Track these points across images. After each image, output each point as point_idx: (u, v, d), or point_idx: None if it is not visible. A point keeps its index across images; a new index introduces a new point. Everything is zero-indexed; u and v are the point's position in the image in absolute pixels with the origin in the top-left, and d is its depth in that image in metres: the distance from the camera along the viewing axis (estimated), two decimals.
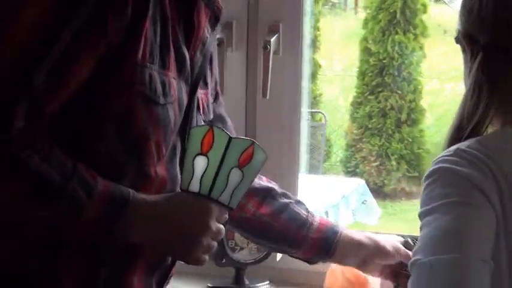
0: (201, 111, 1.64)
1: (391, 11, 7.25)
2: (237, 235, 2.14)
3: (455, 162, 1.33)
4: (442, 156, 1.37)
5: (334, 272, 2.19)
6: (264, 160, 1.41)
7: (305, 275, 2.27)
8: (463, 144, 1.37)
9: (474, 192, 1.29)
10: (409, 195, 7.27)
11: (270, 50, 2.27)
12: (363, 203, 5.54)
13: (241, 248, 2.07)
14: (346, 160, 7.39)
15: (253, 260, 2.11)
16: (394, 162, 7.24)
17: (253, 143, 1.39)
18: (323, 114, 7.15)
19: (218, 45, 2.27)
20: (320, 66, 7.68)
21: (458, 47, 1.54)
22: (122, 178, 1.41)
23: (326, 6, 9.61)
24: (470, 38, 1.47)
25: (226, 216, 1.48)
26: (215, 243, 1.47)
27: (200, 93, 1.63)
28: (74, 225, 1.36)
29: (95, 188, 1.35)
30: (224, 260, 2.13)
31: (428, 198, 1.33)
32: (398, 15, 7.23)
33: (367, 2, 7.52)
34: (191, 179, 1.40)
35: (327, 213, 4.58)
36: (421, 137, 7.39)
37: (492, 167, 1.32)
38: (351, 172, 7.27)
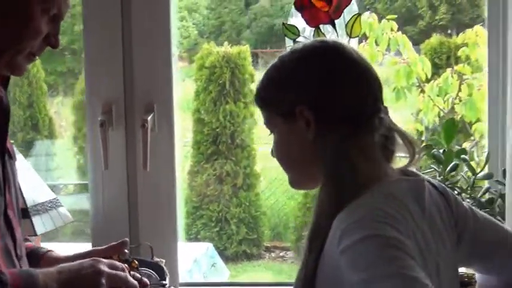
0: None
1: (221, 82, 7.53)
2: None
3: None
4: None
5: None
6: None
7: None
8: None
9: None
10: (250, 257, 7.57)
11: (147, 127, 2.53)
12: (212, 265, 5.77)
13: None
14: (188, 228, 7.59)
15: None
16: (233, 226, 7.51)
17: None
18: None
19: (100, 125, 2.52)
20: None
21: None
22: None
23: None
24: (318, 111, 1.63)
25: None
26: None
27: None
28: None
29: (3, 277, 1.60)
30: None
31: None
32: (227, 86, 7.52)
33: (196, 74, 7.78)
34: None
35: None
36: (257, 201, 7.70)
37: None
38: (193, 239, 7.47)
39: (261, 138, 8.76)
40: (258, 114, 7.05)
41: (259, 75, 8.54)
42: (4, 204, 1.76)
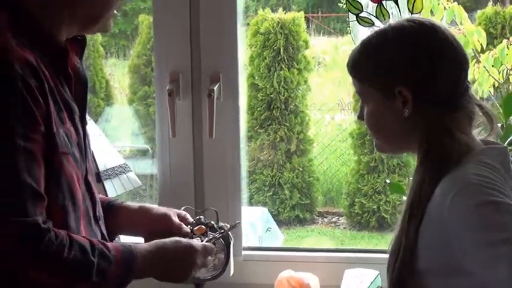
0: None
1: (275, 48, 7.56)
2: None
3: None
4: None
5: (281, 282, 2.55)
6: None
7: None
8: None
9: None
10: (303, 222, 7.66)
11: (213, 97, 2.62)
12: (267, 230, 5.85)
13: None
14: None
15: (210, 277, 2.28)
16: (287, 191, 7.60)
17: None
18: None
19: (168, 95, 2.62)
20: None
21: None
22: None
23: None
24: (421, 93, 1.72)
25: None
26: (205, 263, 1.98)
27: None
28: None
29: (110, 256, 1.73)
30: None
31: None
32: (282, 52, 7.55)
33: (251, 40, 7.81)
34: None
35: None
36: (311, 166, 7.75)
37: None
38: (246, 203, 7.54)
39: (314, 105, 8.80)
40: (311, 80, 7.07)
41: (312, 40, 8.54)
42: (85, 170, 1.87)
